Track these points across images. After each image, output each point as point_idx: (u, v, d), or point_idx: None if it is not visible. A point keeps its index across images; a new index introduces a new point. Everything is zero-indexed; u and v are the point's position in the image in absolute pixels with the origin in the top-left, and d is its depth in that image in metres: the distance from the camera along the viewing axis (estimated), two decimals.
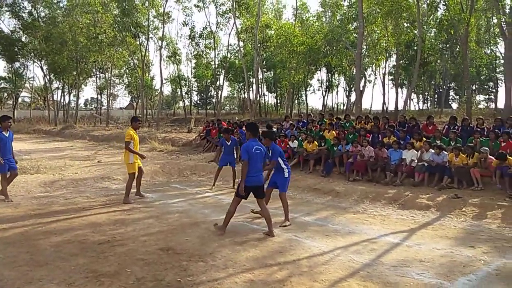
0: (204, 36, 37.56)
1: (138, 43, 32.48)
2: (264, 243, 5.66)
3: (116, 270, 4.57)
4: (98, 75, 41.82)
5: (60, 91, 41.87)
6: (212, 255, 5.09)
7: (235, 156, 10.63)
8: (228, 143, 10.19)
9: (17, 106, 44.85)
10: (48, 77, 36.91)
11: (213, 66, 38.29)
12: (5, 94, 52.47)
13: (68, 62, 33.92)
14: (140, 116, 34.90)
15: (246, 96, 36.06)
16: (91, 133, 25.78)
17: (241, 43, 31.41)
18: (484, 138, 10.00)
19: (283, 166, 6.76)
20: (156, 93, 42.42)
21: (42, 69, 36.45)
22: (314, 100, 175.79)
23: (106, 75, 39.11)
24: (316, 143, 11.88)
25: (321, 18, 36.07)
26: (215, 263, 4.84)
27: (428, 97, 46.45)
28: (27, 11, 34.69)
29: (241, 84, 43.46)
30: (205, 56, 40.05)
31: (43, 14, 35.16)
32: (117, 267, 4.64)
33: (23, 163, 12.94)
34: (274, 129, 14.87)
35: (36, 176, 10.97)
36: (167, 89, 51.04)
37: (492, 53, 32.45)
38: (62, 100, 41.98)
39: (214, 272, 4.56)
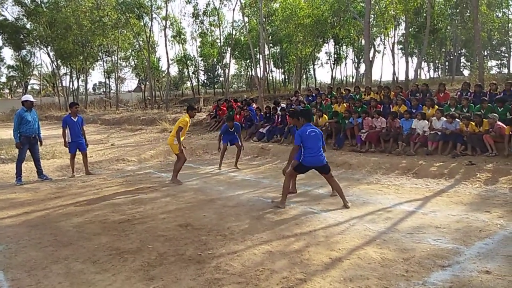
0: (208, 13, 37.03)
1: (142, 24, 32.19)
2: (280, 216, 5.75)
3: (138, 246, 4.70)
4: (104, 59, 41.77)
5: (68, 77, 41.96)
6: (230, 229, 5.20)
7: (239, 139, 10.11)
8: (231, 130, 9.83)
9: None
10: (55, 63, 36.95)
11: (219, 44, 37.85)
12: (14, 83, 52.88)
13: (74, 47, 33.80)
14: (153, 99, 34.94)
15: (253, 73, 35.79)
16: (102, 117, 25.98)
17: (245, 19, 30.85)
18: (493, 104, 9.81)
19: None
20: (163, 75, 42.19)
21: (49, 55, 36.49)
22: (323, 74, 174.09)
23: (113, 58, 39.02)
24: (326, 117, 11.83)
25: None
26: (233, 236, 4.95)
27: (439, 65, 45.55)
28: None
29: (248, 61, 42.97)
30: (210, 34, 39.57)
31: None
32: (139, 244, 4.78)
33: None
34: (283, 105, 14.79)
35: (52, 161, 11.18)
36: (174, 70, 50.83)
37: (504, 16, 31.47)
38: (71, 86, 42.13)
39: (233, 245, 4.67)
